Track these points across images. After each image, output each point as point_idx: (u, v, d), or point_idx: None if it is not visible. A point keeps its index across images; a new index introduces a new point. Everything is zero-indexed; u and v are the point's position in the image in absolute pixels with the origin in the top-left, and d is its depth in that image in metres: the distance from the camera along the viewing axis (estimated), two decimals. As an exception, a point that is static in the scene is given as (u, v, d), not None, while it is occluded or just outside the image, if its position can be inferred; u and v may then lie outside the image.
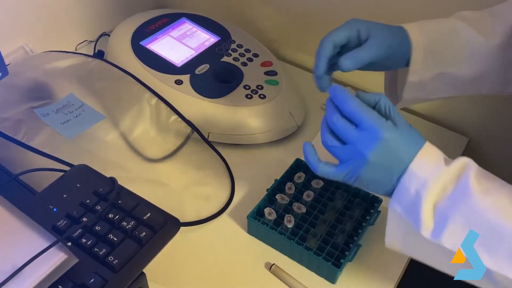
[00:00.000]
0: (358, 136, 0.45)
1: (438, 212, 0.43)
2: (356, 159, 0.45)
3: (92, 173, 0.55)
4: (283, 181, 0.66)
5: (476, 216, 0.42)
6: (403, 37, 0.55)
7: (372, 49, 0.52)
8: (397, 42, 0.54)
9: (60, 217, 0.49)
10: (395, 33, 0.55)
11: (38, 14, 0.81)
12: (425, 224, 0.43)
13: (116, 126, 0.70)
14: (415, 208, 0.43)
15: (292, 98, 0.79)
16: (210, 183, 0.69)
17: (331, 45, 0.52)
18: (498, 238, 0.41)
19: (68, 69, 0.74)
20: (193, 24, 0.86)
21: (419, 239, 0.44)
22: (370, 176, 0.46)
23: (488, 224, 0.41)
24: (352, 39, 0.53)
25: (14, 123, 0.63)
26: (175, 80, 0.75)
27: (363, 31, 0.53)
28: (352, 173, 0.46)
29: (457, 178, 0.43)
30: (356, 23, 0.53)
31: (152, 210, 0.51)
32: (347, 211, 0.62)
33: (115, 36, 0.82)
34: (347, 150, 0.46)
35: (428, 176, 0.43)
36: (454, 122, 0.82)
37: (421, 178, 0.43)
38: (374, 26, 0.54)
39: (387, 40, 0.54)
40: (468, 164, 0.44)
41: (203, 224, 0.63)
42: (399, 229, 0.46)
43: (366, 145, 0.44)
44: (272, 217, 0.60)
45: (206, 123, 0.73)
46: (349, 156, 0.46)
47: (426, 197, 0.43)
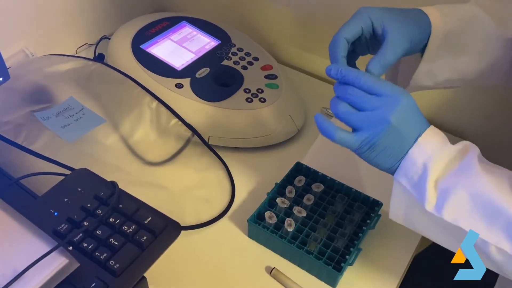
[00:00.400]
0: (380, 102, 0.45)
1: (441, 187, 0.44)
2: (377, 124, 0.45)
3: (93, 177, 0.55)
4: (283, 184, 0.66)
5: (478, 192, 0.43)
6: (423, 23, 0.52)
7: (396, 50, 0.50)
8: (417, 31, 0.52)
9: (61, 221, 0.49)
10: (413, 21, 0.52)
11: (38, 17, 0.81)
12: (429, 198, 0.44)
13: (116, 130, 0.70)
14: (421, 182, 0.45)
15: (292, 101, 0.79)
16: (210, 187, 0.69)
17: (346, 44, 0.50)
18: (497, 212, 0.42)
19: (69, 72, 0.74)
20: (193, 28, 0.86)
21: (421, 213, 0.45)
22: (385, 142, 0.45)
23: (489, 200, 0.43)
24: (365, 32, 0.51)
25: (14, 126, 0.63)
26: (176, 83, 0.75)
27: (377, 23, 0.50)
28: (369, 138, 0.46)
29: (461, 156, 0.45)
30: (368, 14, 0.50)
31: (153, 214, 0.51)
32: (347, 214, 0.63)
33: (115, 39, 0.82)
34: (367, 116, 0.46)
35: (435, 151, 0.45)
36: (452, 125, 0.82)
37: (428, 153, 0.45)
38: (389, 16, 0.50)
39: (407, 32, 0.50)
40: (472, 145, 0.46)
41: (204, 228, 0.63)
42: (403, 202, 0.47)
43: (389, 109, 0.45)
44: (272, 221, 0.60)
45: (206, 127, 0.73)
46: (368, 122, 0.46)
47: (432, 172, 0.44)
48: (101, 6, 0.90)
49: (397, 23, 0.50)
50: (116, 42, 0.82)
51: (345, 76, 0.47)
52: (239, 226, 0.64)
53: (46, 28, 0.83)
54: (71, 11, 0.86)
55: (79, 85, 0.73)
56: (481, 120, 0.81)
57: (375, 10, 0.51)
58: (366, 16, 0.51)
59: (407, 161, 0.45)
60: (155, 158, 0.71)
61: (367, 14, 0.51)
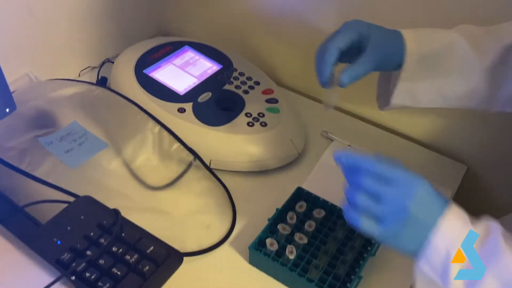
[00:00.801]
0: (396, 190, 0.45)
1: None
2: (398, 213, 0.45)
3: (96, 205, 0.55)
4: (284, 210, 0.66)
5: (507, 274, 0.41)
6: (399, 43, 0.56)
7: (368, 65, 0.54)
8: (392, 49, 0.56)
9: (64, 250, 0.49)
10: (391, 39, 0.56)
11: (42, 40, 0.82)
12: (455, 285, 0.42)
13: (119, 154, 0.71)
14: (445, 268, 0.43)
15: (293, 125, 0.80)
16: (211, 212, 0.69)
17: (338, 52, 0.53)
18: None
19: (72, 97, 0.75)
20: (195, 52, 0.87)
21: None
22: (407, 230, 0.45)
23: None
24: (353, 43, 0.55)
25: (18, 152, 0.64)
26: (178, 108, 0.76)
27: (364, 35, 0.54)
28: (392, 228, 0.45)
29: (484, 237, 0.43)
30: (357, 26, 0.55)
31: (155, 243, 0.51)
32: (348, 241, 0.63)
33: (118, 64, 0.83)
34: (388, 207, 0.45)
35: (458, 235, 0.43)
36: (453, 150, 0.83)
37: (451, 237, 0.43)
38: (373, 31, 0.55)
39: (384, 48, 0.55)
40: (494, 224, 0.44)
41: (205, 254, 0.63)
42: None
43: (408, 197, 0.44)
44: (273, 248, 0.61)
45: (208, 151, 0.74)
46: (389, 212, 0.45)
47: None
48: (104, 30, 0.92)
49: (376, 40, 0.54)
50: (119, 66, 0.83)
51: (356, 163, 0.47)
52: (240, 252, 0.64)
53: (49, 51, 0.84)
54: (74, 34, 0.87)
55: (82, 110, 0.74)
56: (483, 145, 0.81)
57: (364, 24, 0.55)
58: (357, 28, 0.55)
59: (428, 247, 0.44)
60: (157, 182, 0.71)
61: (357, 26, 0.55)
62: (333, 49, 0.53)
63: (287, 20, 0.88)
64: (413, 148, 0.84)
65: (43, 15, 0.79)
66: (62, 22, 0.83)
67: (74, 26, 0.85)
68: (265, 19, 0.90)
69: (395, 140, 0.86)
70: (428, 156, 0.83)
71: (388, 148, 0.82)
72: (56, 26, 0.82)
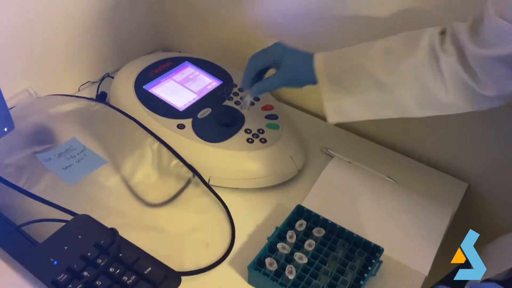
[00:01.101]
0: None
1: None
2: None
3: (94, 224, 0.55)
4: (284, 228, 0.66)
5: None
6: (310, 64, 0.66)
7: (277, 82, 0.69)
8: (302, 69, 0.67)
9: (60, 271, 0.49)
10: (302, 61, 0.67)
11: (41, 55, 0.82)
12: None
13: (117, 171, 0.71)
14: None
15: (293, 142, 0.79)
16: (210, 230, 0.68)
17: (255, 71, 0.70)
18: None
19: (71, 113, 0.75)
20: (196, 68, 0.87)
21: None
22: None
23: None
24: (269, 64, 0.70)
25: (16, 169, 0.63)
26: (177, 124, 0.75)
27: (277, 59, 0.68)
28: None
29: None
30: (276, 49, 0.68)
31: (153, 264, 0.51)
32: (349, 261, 0.62)
33: (118, 79, 0.83)
34: None
35: None
36: (453, 167, 0.83)
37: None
38: (286, 54, 0.67)
39: (293, 70, 0.67)
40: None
41: (203, 273, 0.62)
42: None
43: None
44: (273, 268, 0.60)
45: (207, 167, 0.73)
46: None
47: None
48: (104, 45, 0.92)
49: (286, 63, 0.67)
50: (119, 82, 0.83)
51: None
52: (239, 271, 0.63)
53: (49, 66, 0.84)
54: (74, 49, 0.87)
55: (81, 126, 0.73)
56: (483, 163, 0.81)
57: (279, 49, 0.68)
58: (275, 50, 0.69)
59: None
60: (155, 199, 0.71)
61: (276, 49, 0.69)
62: (251, 69, 0.70)
63: (287, 36, 0.88)
64: (414, 165, 0.84)
65: (43, 30, 0.79)
66: (62, 36, 0.83)
67: (74, 41, 0.85)
68: (265, 35, 0.90)
69: (395, 157, 0.85)
70: (429, 173, 0.83)
71: (388, 165, 0.82)
72: (56, 40, 0.82)
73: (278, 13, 0.85)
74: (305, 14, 0.83)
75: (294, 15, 0.84)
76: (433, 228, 0.71)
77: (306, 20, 0.84)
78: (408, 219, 0.72)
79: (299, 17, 0.84)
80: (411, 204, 0.75)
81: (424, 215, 0.73)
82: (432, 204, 0.75)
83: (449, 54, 0.56)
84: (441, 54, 0.57)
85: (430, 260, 0.67)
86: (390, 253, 0.65)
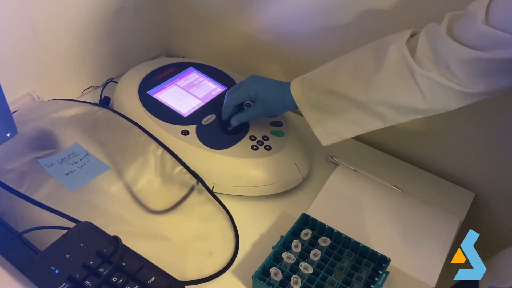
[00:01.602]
0: None
1: None
2: None
3: (96, 232, 0.54)
4: (289, 237, 0.64)
5: None
6: (288, 92, 0.69)
7: (253, 113, 0.74)
8: (279, 99, 0.70)
9: (62, 280, 0.48)
10: (277, 91, 0.71)
11: (44, 60, 0.81)
12: None
13: (120, 177, 0.70)
14: None
15: (298, 149, 0.78)
16: (214, 238, 0.67)
17: (233, 106, 0.74)
18: None
19: (74, 118, 0.74)
20: (200, 74, 0.87)
21: None
22: None
23: None
24: (246, 98, 0.73)
25: (18, 175, 0.62)
26: (182, 130, 0.75)
27: (252, 93, 0.72)
28: None
29: None
30: (250, 84, 0.72)
31: (156, 274, 0.50)
32: (355, 271, 0.61)
33: (122, 84, 0.82)
34: None
35: None
36: (460, 177, 0.82)
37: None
38: (261, 87, 0.71)
39: (268, 102, 0.71)
40: None
41: (206, 283, 0.61)
42: None
43: None
44: (278, 278, 0.59)
45: (211, 174, 0.72)
46: None
47: None
48: (107, 50, 0.91)
49: (261, 96, 0.71)
50: (123, 87, 0.82)
51: None
52: (243, 281, 0.62)
53: (52, 70, 0.84)
54: (77, 54, 0.86)
55: (84, 131, 0.72)
56: (490, 172, 0.80)
57: (253, 84, 0.72)
58: (246, 89, 0.72)
59: None
60: (159, 206, 0.70)
61: (251, 84, 0.72)
62: (228, 104, 0.74)
63: (291, 42, 0.88)
64: (420, 174, 0.83)
65: (46, 34, 0.78)
66: (66, 41, 0.82)
67: (77, 45, 0.85)
68: (269, 41, 0.90)
69: (401, 165, 0.84)
70: (435, 182, 0.82)
71: (394, 173, 0.81)
72: (59, 45, 0.82)
73: (280, 20, 0.85)
74: (305, 21, 0.83)
75: (295, 22, 0.84)
76: (441, 238, 0.70)
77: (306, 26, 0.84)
78: (415, 229, 0.71)
79: (300, 24, 0.84)
80: (418, 213, 0.74)
81: (431, 225, 0.72)
82: (439, 214, 0.74)
83: (425, 67, 0.56)
84: (415, 67, 0.57)
85: (438, 272, 0.65)
86: (396, 264, 0.64)
